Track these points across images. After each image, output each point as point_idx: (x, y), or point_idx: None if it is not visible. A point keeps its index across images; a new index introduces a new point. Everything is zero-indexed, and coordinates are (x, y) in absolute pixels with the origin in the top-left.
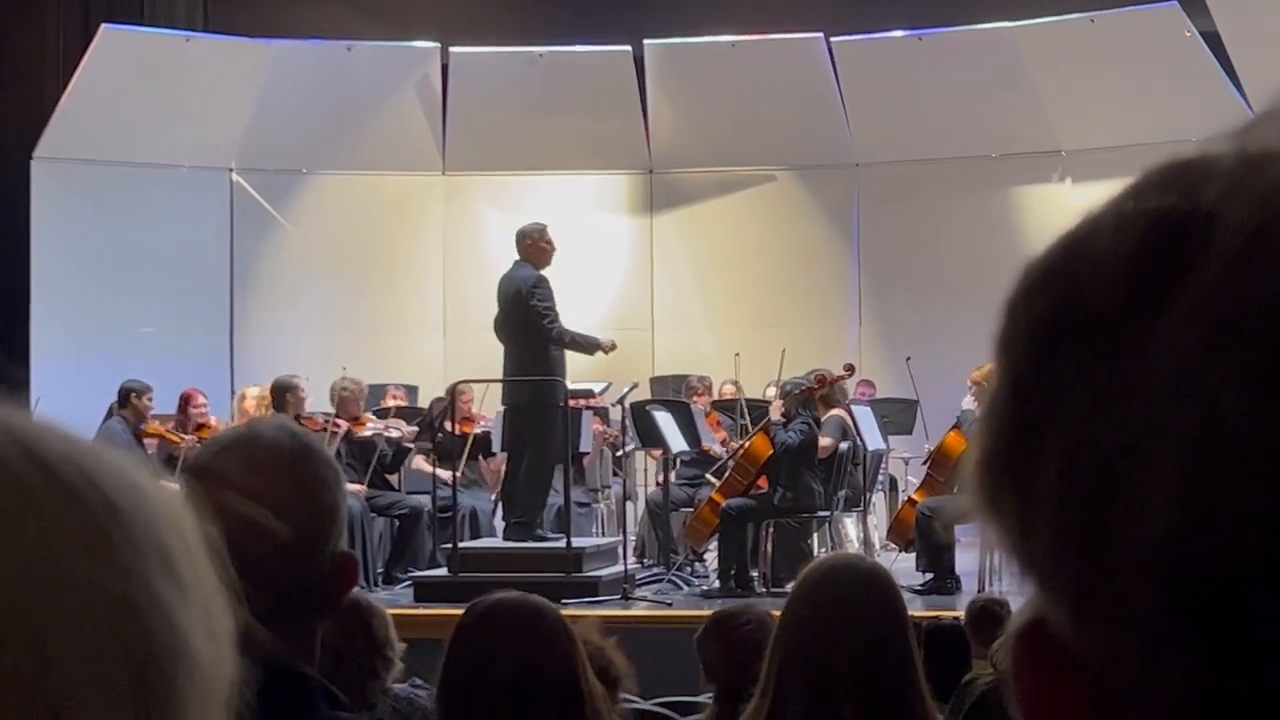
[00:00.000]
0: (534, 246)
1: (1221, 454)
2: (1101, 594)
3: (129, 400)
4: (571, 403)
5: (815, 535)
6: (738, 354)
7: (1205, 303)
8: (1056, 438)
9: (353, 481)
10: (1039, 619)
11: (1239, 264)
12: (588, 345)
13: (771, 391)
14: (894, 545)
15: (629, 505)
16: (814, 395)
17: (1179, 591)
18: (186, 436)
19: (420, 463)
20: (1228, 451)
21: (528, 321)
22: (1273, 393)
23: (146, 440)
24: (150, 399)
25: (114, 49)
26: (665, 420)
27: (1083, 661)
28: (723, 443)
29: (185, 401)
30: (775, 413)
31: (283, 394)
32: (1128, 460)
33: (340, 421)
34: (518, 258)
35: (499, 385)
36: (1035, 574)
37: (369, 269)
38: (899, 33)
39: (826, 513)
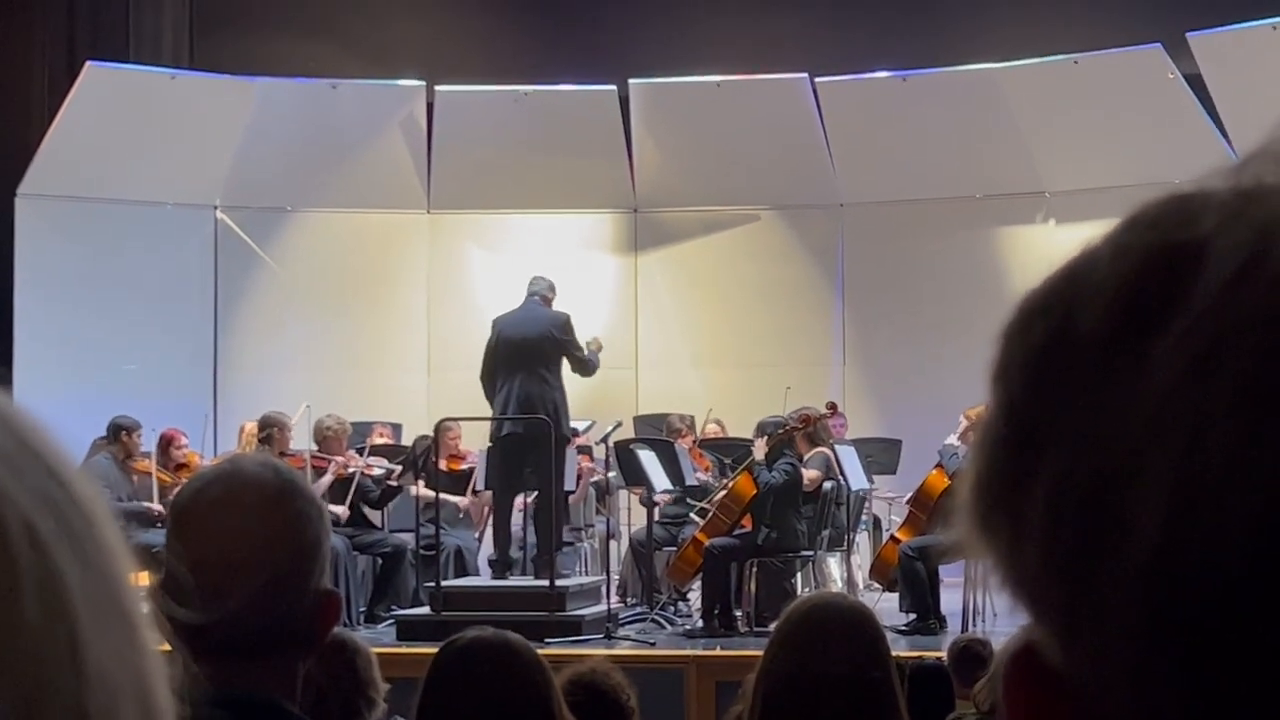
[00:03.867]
0: (550, 298)
1: (1207, 478)
2: (1089, 616)
3: (119, 436)
4: None
5: (799, 575)
6: (717, 418)
7: (1195, 328)
8: (1047, 462)
9: (335, 522)
10: (1030, 644)
11: (1230, 290)
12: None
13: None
14: (877, 585)
15: (612, 544)
16: (794, 436)
17: (1164, 613)
18: (175, 476)
19: (421, 489)
20: (1214, 475)
21: (562, 356)
22: (1259, 417)
23: (135, 477)
24: (140, 436)
25: (99, 86)
26: (649, 458)
27: (1073, 685)
28: (706, 470)
29: (167, 442)
30: (759, 452)
31: (269, 430)
32: (1115, 483)
33: (323, 459)
34: (533, 297)
35: (476, 423)
36: (1025, 598)
37: (353, 306)
38: (883, 74)
39: (810, 552)
